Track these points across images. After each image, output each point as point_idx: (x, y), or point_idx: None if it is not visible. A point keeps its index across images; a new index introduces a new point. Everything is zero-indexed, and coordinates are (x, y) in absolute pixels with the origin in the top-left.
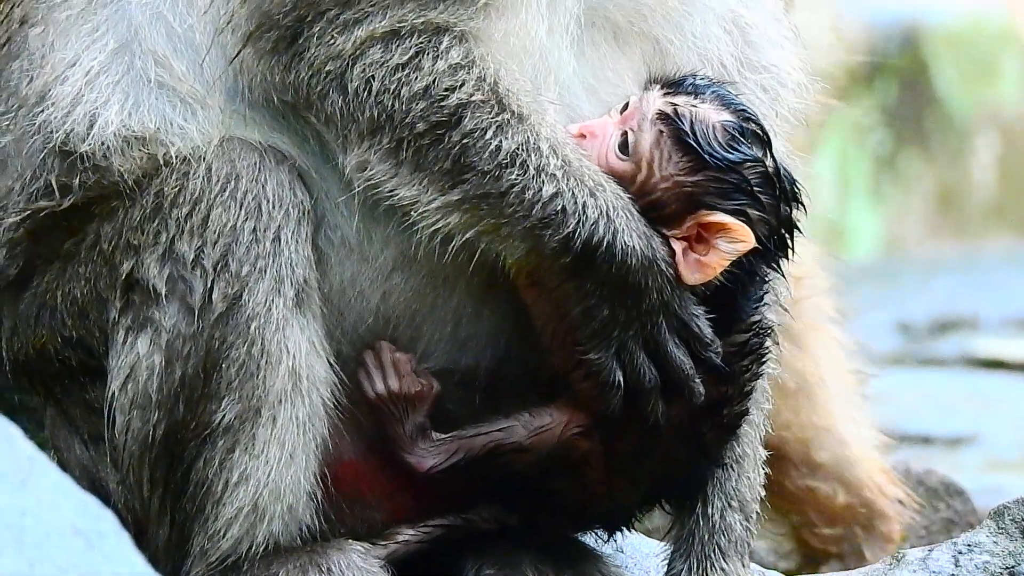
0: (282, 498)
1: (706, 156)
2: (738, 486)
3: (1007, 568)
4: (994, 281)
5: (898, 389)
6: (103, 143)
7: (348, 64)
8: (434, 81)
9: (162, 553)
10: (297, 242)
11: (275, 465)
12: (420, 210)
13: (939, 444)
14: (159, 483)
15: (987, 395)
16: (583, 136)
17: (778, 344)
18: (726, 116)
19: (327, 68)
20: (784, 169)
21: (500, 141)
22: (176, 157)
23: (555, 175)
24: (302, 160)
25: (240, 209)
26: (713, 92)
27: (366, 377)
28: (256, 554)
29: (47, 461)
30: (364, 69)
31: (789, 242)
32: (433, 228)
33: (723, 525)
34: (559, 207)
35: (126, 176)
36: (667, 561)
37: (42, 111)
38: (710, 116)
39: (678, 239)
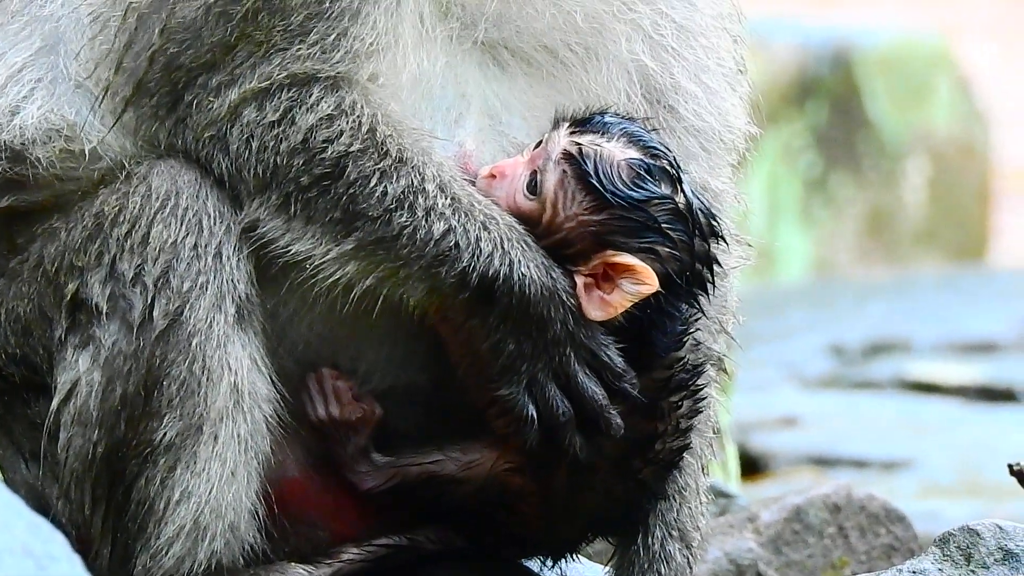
0: (223, 516)
1: (608, 195)
2: (679, 516)
3: None
4: (926, 304)
5: (832, 412)
6: (23, 134)
7: (227, 127)
8: (310, 134)
9: (106, 571)
10: (239, 258)
11: (216, 483)
12: (316, 263)
13: (874, 468)
14: (101, 501)
15: (921, 419)
16: (493, 176)
17: (718, 378)
18: (632, 153)
19: (207, 133)
20: (700, 202)
21: (385, 186)
22: (90, 154)
23: (444, 213)
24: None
25: (181, 225)
26: (622, 129)
27: (309, 402)
28: (198, 573)
29: None
30: (241, 130)
31: (708, 277)
32: (332, 279)
33: (663, 554)
34: (451, 243)
35: (48, 167)
36: None
37: None
38: (615, 154)
39: (583, 275)
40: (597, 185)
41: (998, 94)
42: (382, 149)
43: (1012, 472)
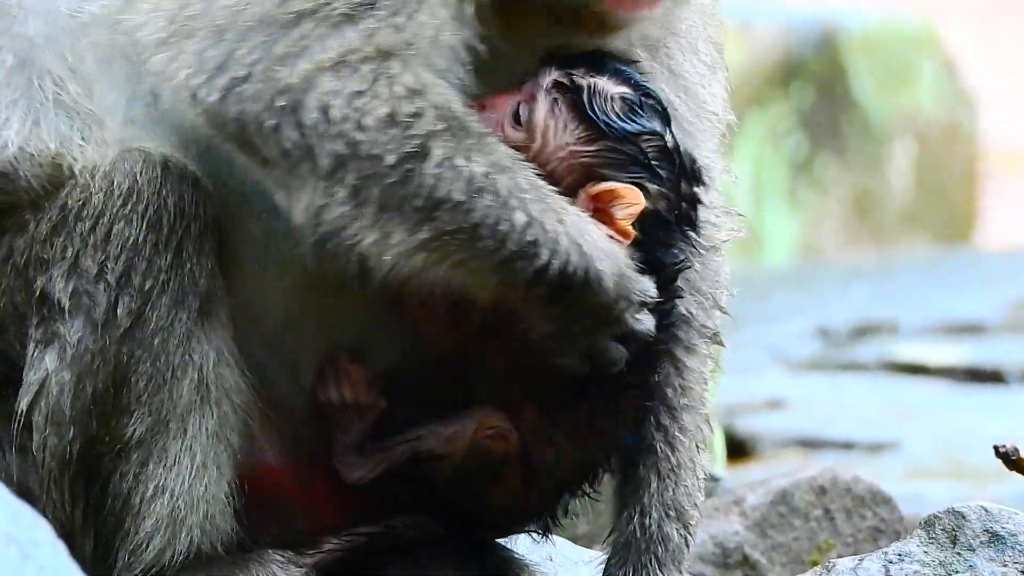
0: (198, 508)
1: (602, 125)
2: (676, 495)
3: None
4: (912, 286)
5: (818, 394)
6: (6, 159)
7: (301, 95)
8: (397, 106)
9: (90, 564)
10: (200, 254)
11: (187, 476)
12: (384, 255)
13: (860, 450)
14: (80, 498)
15: (907, 401)
16: (483, 108)
17: (713, 355)
18: (624, 88)
19: (279, 102)
20: (683, 147)
21: (471, 169)
22: (79, 172)
23: (525, 199)
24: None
25: (142, 223)
26: (613, 65)
27: (321, 382)
28: (178, 563)
29: None
30: (319, 99)
31: (693, 216)
32: (394, 271)
33: (660, 535)
34: (531, 238)
35: (35, 186)
36: (602, 568)
37: None
38: (608, 87)
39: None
40: (590, 114)
41: (983, 75)
42: (464, 127)
43: (998, 454)
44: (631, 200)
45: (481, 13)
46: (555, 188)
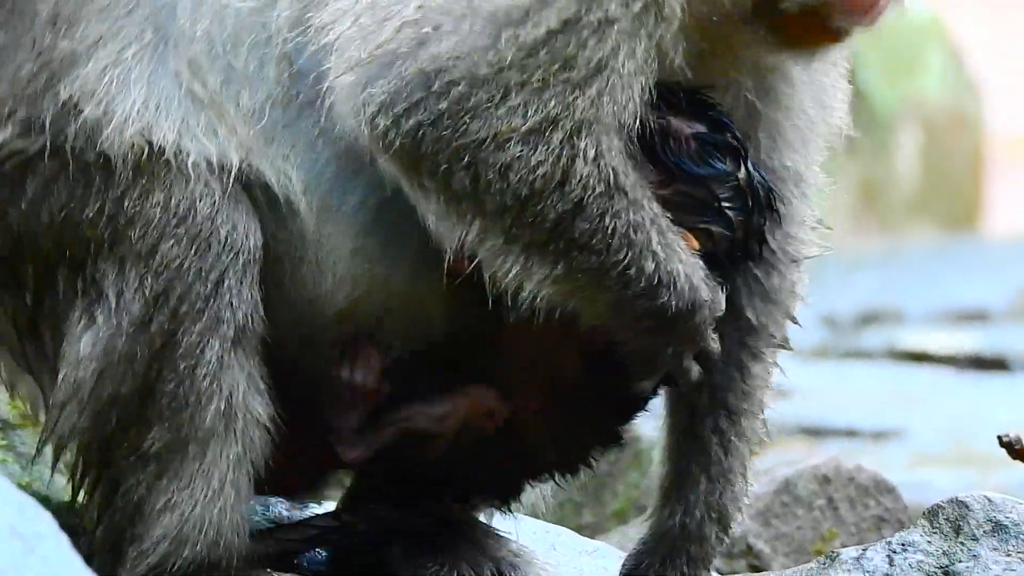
0: (206, 529)
1: (673, 168)
2: (722, 498)
3: (941, 568)
4: (918, 274)
5: (823, 382)
6: (111, 128)
7: (488, 153)
8: (569, 177)
9: (96, 549)
10: (242, 284)
11: (201, 499)
12: (517, 280)
13: (865, 438)
14: (91, 487)
15: (912, 388)
16: None
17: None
18: (699, 127)
19: (464, 154)
20: (760, 176)
21: (615, 224)
22: (180, 168)
23: (655, 250)
24: (289, 190)
25: (191, 247)
26: (689, 100)
27: (339, 363)
28: (183, 570)
29: None
30: (504, 161)
31: (757, 250)
32: (520, 293)
33: (699, 534)
34: (656, 280)
35: (130, 168)
36: (634, 555)
37: (54, 60)
38: (682, 128)
39: None
40: (662, 157)
41: (990, 64)
42: (620, 190)
43: (1002, 443)
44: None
45: (685, 33)
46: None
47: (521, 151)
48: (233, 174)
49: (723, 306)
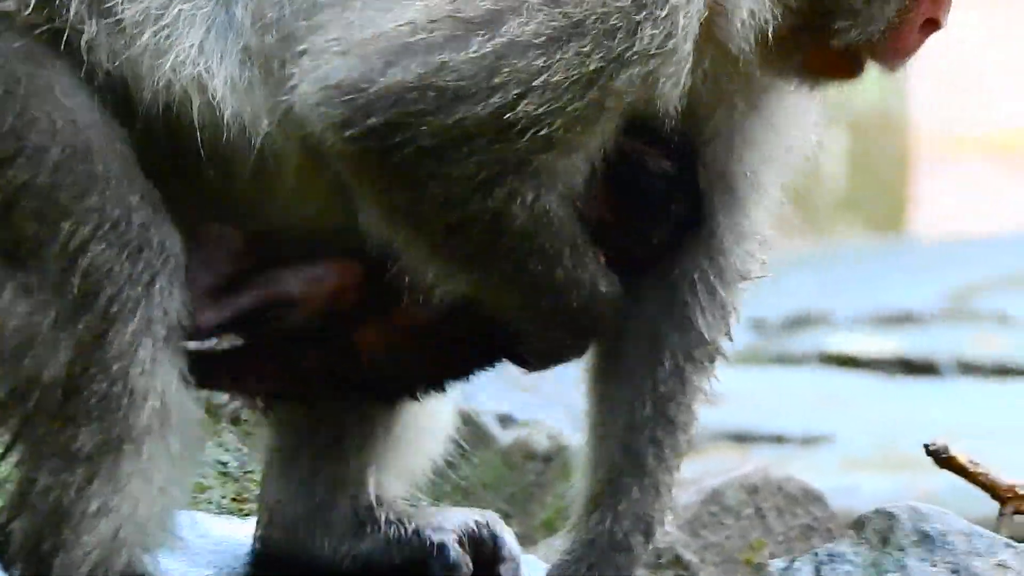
0: (148, 530)
1: (634, 202)
2: (649, 510)
3: None
4: (846, 277)
5: (752, 388)
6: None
7: (429, 185)
8: (503, 217)
9: (13, 552)
10: (172, 285)
11: (141, 499)
12: (434, 280)
13: (794, 443)
14: (16, 467)
15: (841, 393)
16: None
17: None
18: (667, 167)
19: (405, 180)
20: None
21: (533, 245)
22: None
23: (565, 264)
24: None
25: (121, 253)
26: (662, 134)
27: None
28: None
29: None
30: (444, 193)
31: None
32: (434, 288)
33: (627, 543)
34: (564, 287)
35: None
36: (560, 564)
37: None
38: (655, 166)
39: None
40: (627, 190)
41: (914, 62)
42: (547, 227)
43: (928, 452)
44: None
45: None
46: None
47: (464, 192)
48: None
49: (620, 301)
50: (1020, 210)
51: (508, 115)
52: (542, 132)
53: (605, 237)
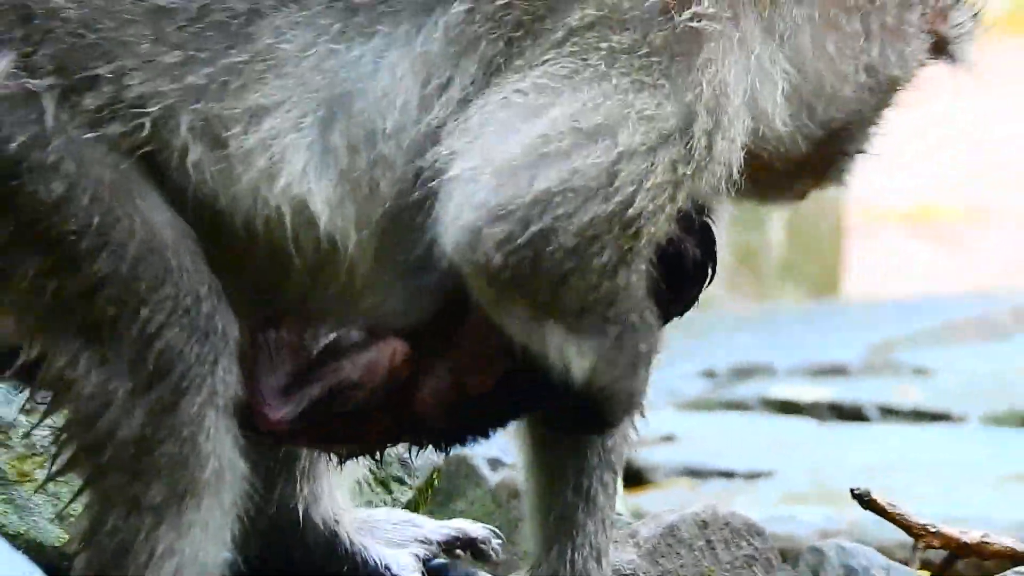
0: (205, 571)
1: (676, 284)
2: (600, 540)
3: None
4: (787, 334)
5: (704, 429)
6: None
7: (567, 283)
8: (617, 299)
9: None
10: (231, 364)
11: (200, 544)
12: (554, 358)
13: (740, 479)
14: (85, 509)
15: (781, 435)
16: None
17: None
18: (699, 254)
19: (549, 283)
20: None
21: (631, 319)
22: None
23: (639, 328)
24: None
25: (191, 337)
26: (698, 224)
27: (265, 324)
28: None
29: None
30: (579, 286)
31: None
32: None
33: (585, 571)
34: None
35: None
36: None
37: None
38: (692, 254)
39: None
40: (670, 273)
41: None
42: (641, 306)
43: (854, 495)
44: None
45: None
46: None
47: (598, 279)
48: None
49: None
50: (934, 274)
51: (629, 211)
52: (650, 221)
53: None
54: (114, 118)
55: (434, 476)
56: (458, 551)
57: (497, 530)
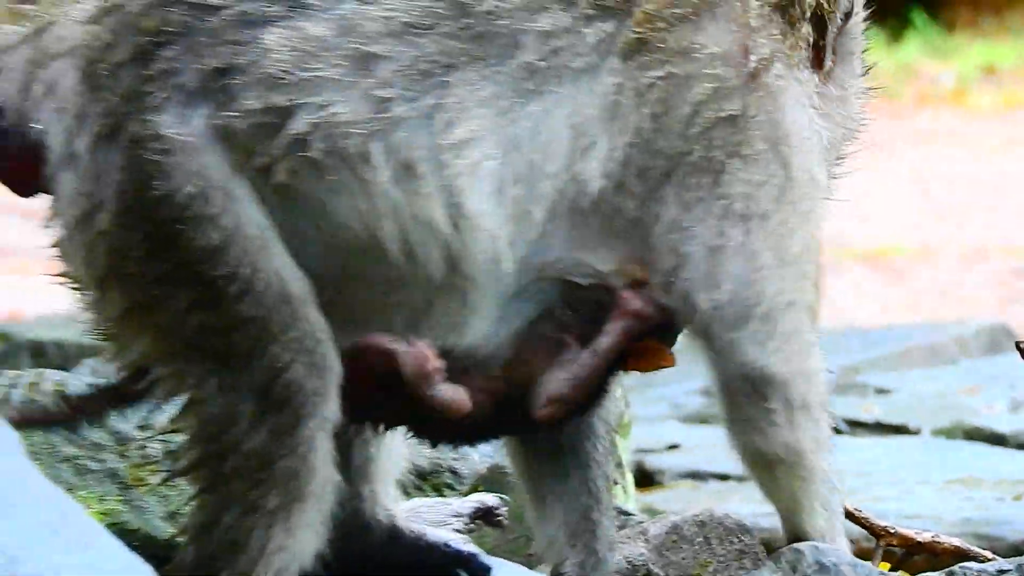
0: (303, 564)
1: None
2: (612, 533)
3: None
4: None
5: (703, 439)
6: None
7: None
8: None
9: (195, 569)
10: (335, 394)
11: (304, 544)
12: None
13: (733, 480)
14: (199, 508)
15: None
16: None
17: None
18: None
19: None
20: None
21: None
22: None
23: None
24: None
25: (312, 372)
26: None
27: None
28: None
29: (99, 526)
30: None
31: None
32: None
33: (605, 562)
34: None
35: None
36: None
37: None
38: None
39: None
40: None
41: None
42: None
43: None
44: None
45: None
46: None
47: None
48: None
49: None
50: (890, 306)
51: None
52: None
53: None
54: (287, 155)
55: (479, 483)
56: (477, 521)
57: (506, 497)
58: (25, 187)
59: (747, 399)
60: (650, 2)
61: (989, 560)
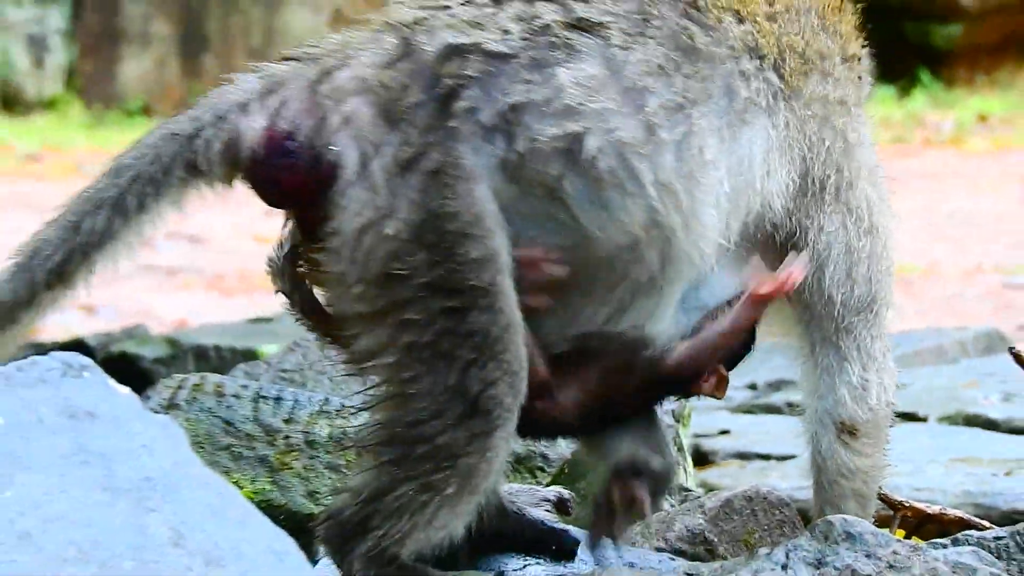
0: (448, 541)
1: None
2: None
3: (817, 559)
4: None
5: (748, 426)
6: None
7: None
8: None
9: (338, 524)
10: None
11: (458, 527)
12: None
13: (774, 460)
14: (372, 480)
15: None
16: None
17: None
18: None
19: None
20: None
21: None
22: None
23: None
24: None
25: (512, 388)
26: None
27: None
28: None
29: (251, 506)
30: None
31: None
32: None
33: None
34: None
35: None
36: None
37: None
38: None
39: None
40: None
41: None
42: None
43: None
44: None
45: None
46: None
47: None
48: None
49: None
50: (904, 316)
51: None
52: None
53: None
54: (567, 175)
55: (564, 465)
56: (552, 506)
57: (575, 494)
58: (289, 200)
59: (850, 369)
60: (791, 59)
61: (987, 528)
